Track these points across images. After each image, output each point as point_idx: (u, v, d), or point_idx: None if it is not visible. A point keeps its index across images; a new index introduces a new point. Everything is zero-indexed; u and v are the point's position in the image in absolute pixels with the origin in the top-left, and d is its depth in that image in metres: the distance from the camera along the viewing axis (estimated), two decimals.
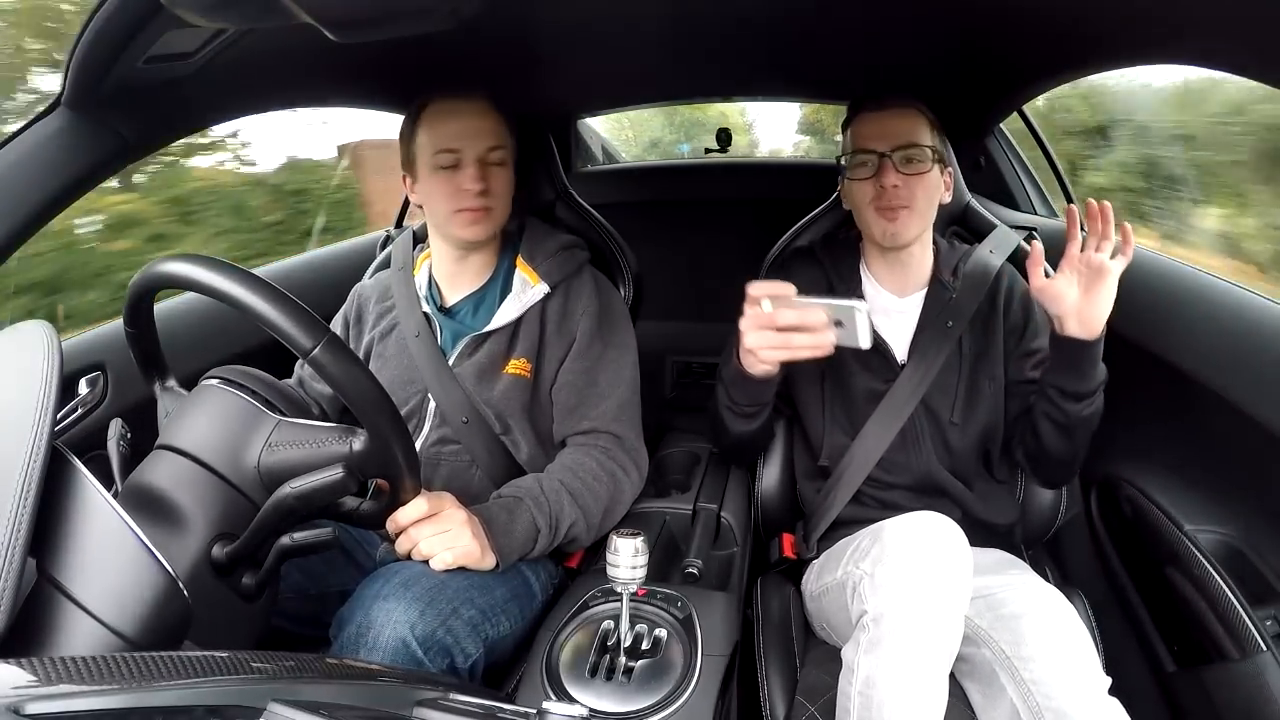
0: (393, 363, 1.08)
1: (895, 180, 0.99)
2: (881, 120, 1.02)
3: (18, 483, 0.46)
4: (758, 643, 1.00)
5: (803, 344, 0.84)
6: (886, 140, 1.00)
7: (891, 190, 0.99)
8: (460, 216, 1.01)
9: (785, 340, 0.85)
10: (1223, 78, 0.92)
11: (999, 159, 1.71)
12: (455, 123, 1.00)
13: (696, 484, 1.27)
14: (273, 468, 0.66)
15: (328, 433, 0.67)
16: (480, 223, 1.01)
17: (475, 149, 1.00)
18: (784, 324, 0.84)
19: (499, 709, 0.50)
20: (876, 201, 1.01)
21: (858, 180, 1.03)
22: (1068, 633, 0.81)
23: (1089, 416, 0.94)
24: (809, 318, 0.83)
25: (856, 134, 1.05)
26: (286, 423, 0.68)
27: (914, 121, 1.02)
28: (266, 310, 0.59)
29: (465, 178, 0.99)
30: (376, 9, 0.64)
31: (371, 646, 0.75)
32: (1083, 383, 0.91)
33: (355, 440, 0.65)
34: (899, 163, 1.00)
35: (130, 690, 0.35)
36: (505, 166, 1.03)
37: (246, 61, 0.90)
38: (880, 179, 1.00)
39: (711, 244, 2.05)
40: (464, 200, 1.00)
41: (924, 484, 1.06)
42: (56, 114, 0.81)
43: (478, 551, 0.85)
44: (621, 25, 1.09)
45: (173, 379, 0.78)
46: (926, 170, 1.01)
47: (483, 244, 1.07)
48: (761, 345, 0.86)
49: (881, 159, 1.00)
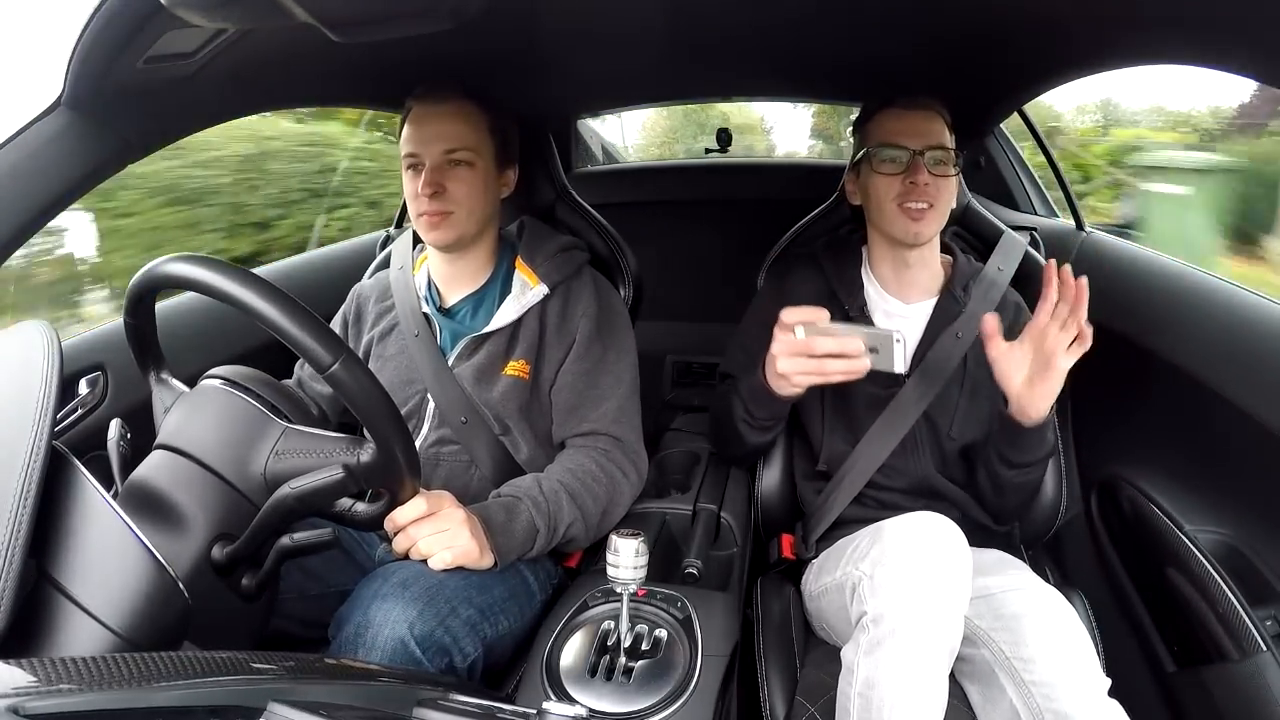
0: (392, 362, 1.08)
1: (927, 178, 0.99)
2: (914, 119, 1.01)
3: (18, 483, 0.46)
4: (758, 643, 1.00)
5: (837, 369, 0.85)
6: (920, 139, 1.00)
7: (921, 188, 0.99)
8: (420, 220, 1.02)
9: (819, 366, 0.86)
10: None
11: (999, 159, 1.71)
12: (419, 126, 1.01)
13: (696, 484, 1.27)
14: (281, 476, 0.66)
15: (335, 444, 0.67)
16: (439, 228, 1.01)
17: (432, 152, 0.99)
18: (821, 352, 0.85)
19: (499, 709, 0.50)
20: (902, 198, 1.00)
21: (884, 175, 1.02)
22: (1068, 633, 0.81)
23: (1022, 485, 0.97)
24: (847, 346, 0.84)
25: (883, 129, 1.03)
26: (294, 430, 0.68)
27: (940, 124, 1.02)
28: (286, 324, 0.59)
29: (420, 183, 0.99)
30: (376, 9, 0.64)
31: (370, 646, 0.75)
32: (1021, 455, 0.94)
33: (363, 452, 0.65)
34: (929, 163, 0.99)
35: (130, 690, 0.35)
36: (471, 167, 1.01)
37: (246, 61, 0.89)
38: (912, 176, 0.99)
39: (711, 244, 2.05)
40: (421, 205, 1.00)
41: (922, 488, 1.06)
42: (56, 114, 0.81)
43: (476, 551, 0.85)
44: (622, 25, 1.09)
45: (167, 371, 0.77)
46: (952, 175, 1.02)
47: (457, 247, 1.06)
48: (795, 371, 0.88)
49: (914, 156, 0.99)
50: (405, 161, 1.02)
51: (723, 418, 1.09)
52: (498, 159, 1.05)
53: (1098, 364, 1.22)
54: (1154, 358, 1.09)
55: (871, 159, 1.03)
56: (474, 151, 1.01)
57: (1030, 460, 0.95)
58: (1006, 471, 0.96)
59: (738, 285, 1.39)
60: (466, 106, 1.02)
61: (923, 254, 1.07)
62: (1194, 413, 1.03)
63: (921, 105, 1.03)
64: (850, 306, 1.07)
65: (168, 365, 0.78)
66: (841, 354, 0.85)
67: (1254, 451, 0.92)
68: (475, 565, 0.86)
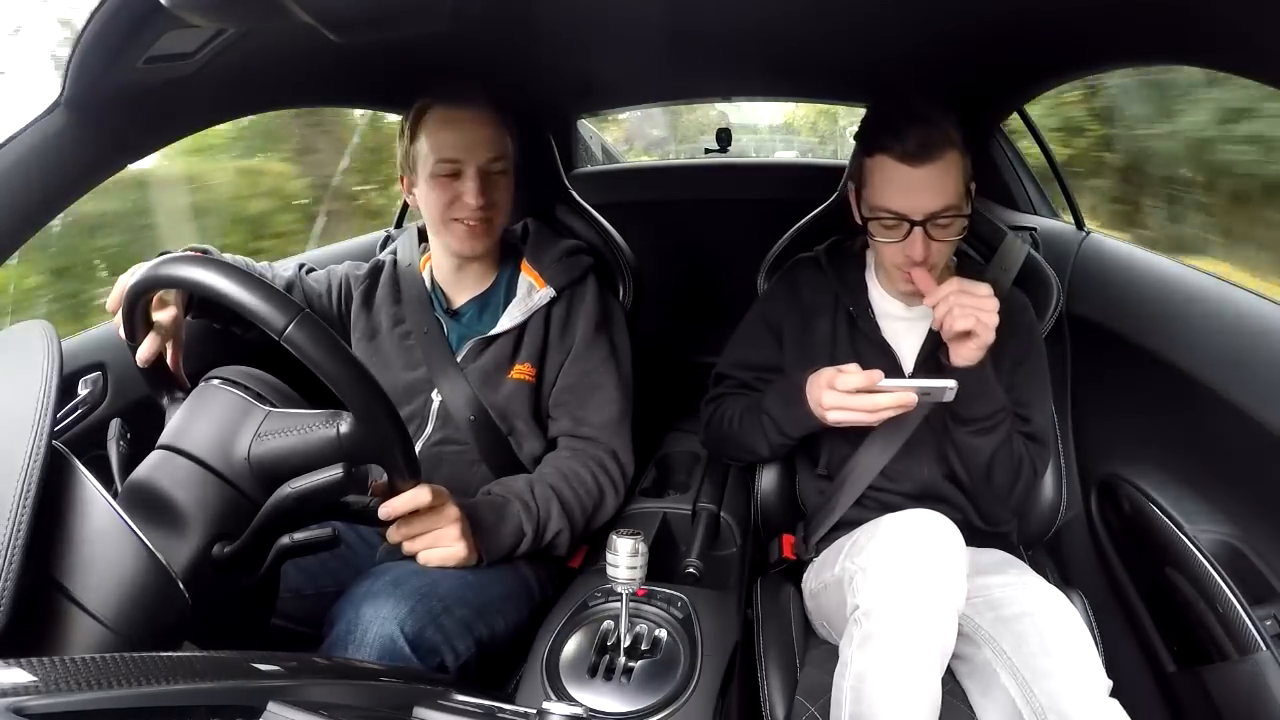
0: (399, 360, 1.08)
1: (925, 251, 0.92)
2: (917, 180, 0.90)
3: (18, 483, 0.46)
4: (758, 643, 1.00)
5: (891, 412, 0.88)
6: (920, 206, 0.91)
7: (921, 257, 0.93)
8: (457, 227, 1.00)
9: (870, 416, 0.89)
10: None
11: (999, 159, 1.71)
12: (456, 132, 0.98)
13: (696, 484, 1.27)
14: (262, 457, 0.66)
15: (313, 418, 0.67)
16: (479, 236, 1.00)
17: (476, 160, 0.98)
18: (876, 408, 0.87)
19: (499, 709, 0.50)
20: (903, 266, 0.96)
21: (884, 243, 0.95)
22: (1069, 633, 0.81)
23: (982, 449, 0.96)
24: (903, 399, 0.86)
25: (883, 188, 0.93)
26: (276, 413, 0.68)
27: (950, 175, 0.91)
28: (236, 292, 0.59)
29: (466, 190, 0.97)
30: (376, 9, 0.64)
31: (359, 643, 0.75)
32: (966, 409, 0.93)
33: (342, 423, 0.65)
34: (931, 230, 0.91)
35: (130, 690, 0.35)
36: (507, 175, 1.02)
37: (246, 61, 0.89)
38: (909, 249, 0.93)
39: (711, 244, 2.04)
40: (461, 211, 0.99)
41: (925, 491, 1.06)
42: (56, 114, 0.81)
43: (463, 553, 0.85)
44: (622, 25, 1.09)
45: (180, 393, 0.78)
46: (956, 236, 0.95)
47: (485, 254, 1.06)
48: (846, 421, 0.90)
49: (912, 227, 0.92)
50: (437, 169, 0.98)
51: (740, 429, 1.08)
52: (514, 163, 1.05)
53: (1098, 364, 1.23)
54: (1154, 358, 1.08)
55: (870, 218, 0.97)
56: (508, 160, 1.01)
57: (978, 415, 0.93)
58: (960, 432, 0.96)
59: (738, 285, 1.39)
60: (493, 111, 1.01)
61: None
62: (1194, 413, 1.03)
63: (927, 157, 0.90)
64: (855, 309, 1.07)
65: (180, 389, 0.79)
66: (899, 408, 0.87)
67: (1254, 451, 0.92)
68: (460, 565, 0.86)
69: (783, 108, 6.06)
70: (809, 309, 1.11)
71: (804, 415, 0.96)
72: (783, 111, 6.44)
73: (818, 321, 1.09)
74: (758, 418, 1.04)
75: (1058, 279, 1.14)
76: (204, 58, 0.82)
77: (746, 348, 1.16)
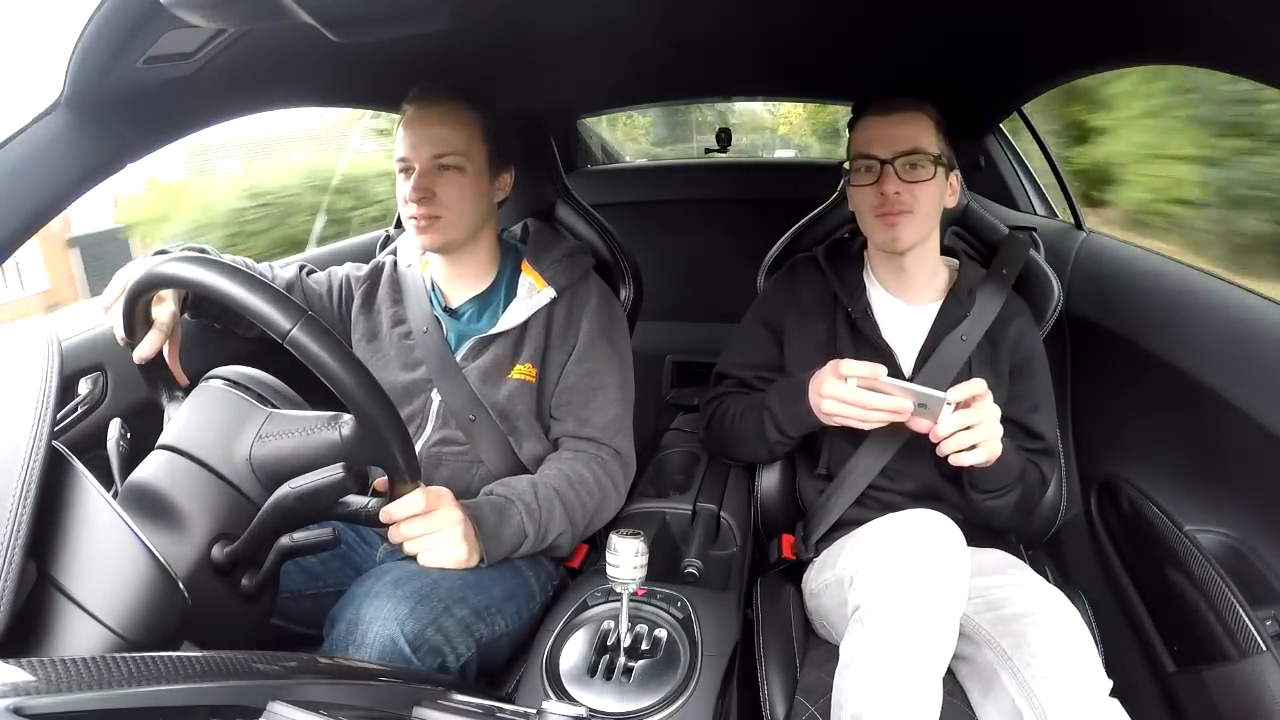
0: (398, 359, 1.08)
1: (896, 187, 0.98)
2: (885, 125, 1.01)
3: (18, 483, 0.46)
4: (758, 643, 1.00)
5: (880, 420, 0.91)
6: (889, 146, 0.99)
7: (893, 196, 0.99)
8: (410, 224, 1.02)
9: (863, 415, 0.91)
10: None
11: (999, 159, 1.71)
12: (409, 130, 1.00)
13: (696, 484, 1.27)
14: (264, 459, 0.66)
15: (315, 420, 0.67)
16: (427, 231, 1.00)
17: (420, 158, 0.99)
18: (871, 406, 0.89)
19: (499, 709, 0.50)
20: (877, 208, 1.01)
21: (859, 186, 1.03)
22: (1069, 634, 0.81)
23: (1000, 507, 1.00)
24: (898, 404, 0.88)
25: (859, 138, 1.03)
26: (277, 414, 0.68)
27: (919, 126, 1.00)
28: (240, 294, 0.59)
29: (408, 188, 0.99)
30: (376, 9, 0.64)
31: (360, 644, 0.75)
32: (985, 483, 0.97)
33: (343, 425, 0.65)
34: (901, 170, 0.98)
35: (130, 690, 0.35)
36: (461, 173, 1.00)
37: (246, 61, 0.89)
38: (881, 186, 0.99)
39: (711, 244, 2.04)
40: (410, 208, 1.00)
41: (925, 491, 1.06)
42: (56, 114, 0.81)
43: (465, 555, 0.85)
44: (622, 25, 1.09)
45: (180, 391, 0.78)
46: (929, 178, 1.00)
47: (447, 250, 1.05)
48: (839, 414, 0.93)
49: (883, 166, 0.99)
50: (397, 165, 1.02)
51: (740, 428, 1.09)
52: (490, 163, 1.04)
53: (1098, 364, 1.23)
54: (1154, 358, 1.09)
55: (849, 173, 1.04)
56: (463, 156, 1.00)
57: (996, 488, 0.98)
58: (977, 496, 0.99)
59: (738, 285, 1.39)
60: (458, 109, 1.01)
61: (918, 255, 1.06)
62: (1194, 413, 1.03)
63: (897, 108, 1.01)
64: (854, 309, 1.07)
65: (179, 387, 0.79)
66: (893, 411, 0.89)
67: (1254, 451, 0.92)
68: (462, 566, 0.86)
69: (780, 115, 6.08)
70: (808, 309, 1.11)
71: (804, 413, 0.98)
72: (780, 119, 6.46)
73: (817, 321, 1.10)
74: (759, 415, 1.05)
75: (1058, 279, 1.14)
76: (204, 58, 0.82)
77: (746, 347, 1.16)
